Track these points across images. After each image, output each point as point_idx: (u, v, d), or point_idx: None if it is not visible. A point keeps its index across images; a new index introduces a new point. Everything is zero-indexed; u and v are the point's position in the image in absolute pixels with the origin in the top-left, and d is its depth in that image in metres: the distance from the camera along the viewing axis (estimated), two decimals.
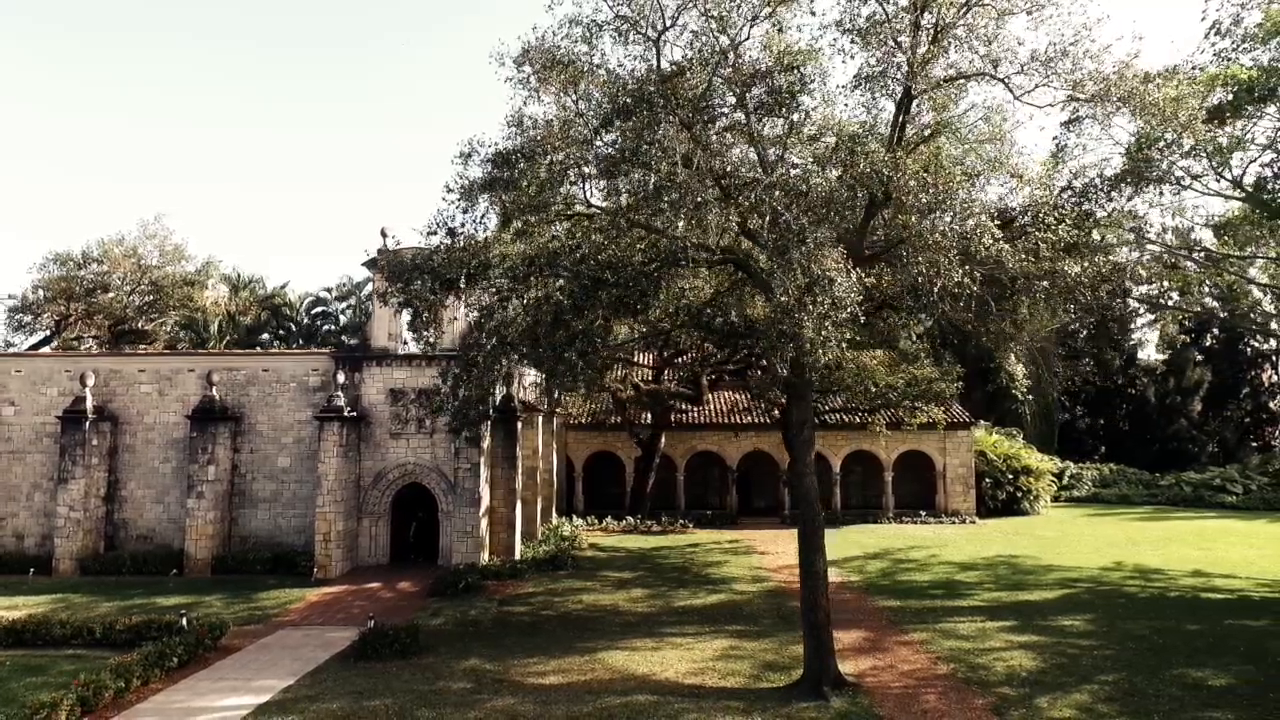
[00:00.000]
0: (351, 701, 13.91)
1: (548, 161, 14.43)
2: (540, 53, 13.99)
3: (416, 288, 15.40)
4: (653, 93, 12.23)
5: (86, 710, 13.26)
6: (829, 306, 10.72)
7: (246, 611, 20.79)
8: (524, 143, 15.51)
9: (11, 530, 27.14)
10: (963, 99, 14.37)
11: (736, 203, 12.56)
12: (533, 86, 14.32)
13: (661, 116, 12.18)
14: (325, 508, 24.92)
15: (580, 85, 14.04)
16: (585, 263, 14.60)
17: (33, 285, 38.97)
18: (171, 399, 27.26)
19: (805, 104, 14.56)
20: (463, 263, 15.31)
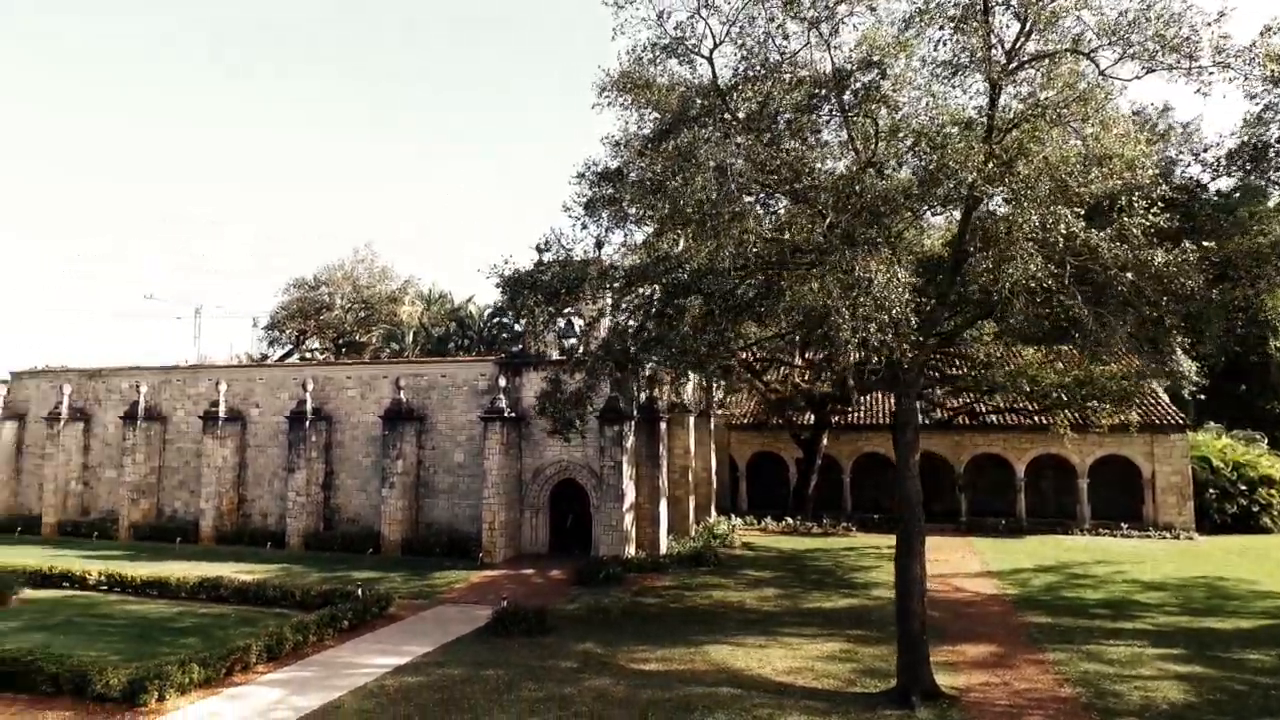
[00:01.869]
0: (470, 669, 15.80)
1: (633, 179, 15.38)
2: (621, 77, 15.00)
3: (523, 301, 17.02)
4: (699, 106, 12.74)
5: (272, 657, 16.29)
6: (871, 308, 10.65)
7: (418, 587, 23.82)
8: (623, 162, 16.60)
9: (258, 510, 32.97)
10: (1051, 79, 13.25)
11: (777, 208, 12.70)
12: (619, 105, 15.35)
13: (711, 128, 12.66)
14: (490, 499, 27.74)
15: (652, 102, 14.86)
16: (672, 272, 15.40)
17: (278, 306, 47.32)
18: (370, 401, 31.65)
19: (887, 96, 14.26)
20: (564, 277, 16.69)
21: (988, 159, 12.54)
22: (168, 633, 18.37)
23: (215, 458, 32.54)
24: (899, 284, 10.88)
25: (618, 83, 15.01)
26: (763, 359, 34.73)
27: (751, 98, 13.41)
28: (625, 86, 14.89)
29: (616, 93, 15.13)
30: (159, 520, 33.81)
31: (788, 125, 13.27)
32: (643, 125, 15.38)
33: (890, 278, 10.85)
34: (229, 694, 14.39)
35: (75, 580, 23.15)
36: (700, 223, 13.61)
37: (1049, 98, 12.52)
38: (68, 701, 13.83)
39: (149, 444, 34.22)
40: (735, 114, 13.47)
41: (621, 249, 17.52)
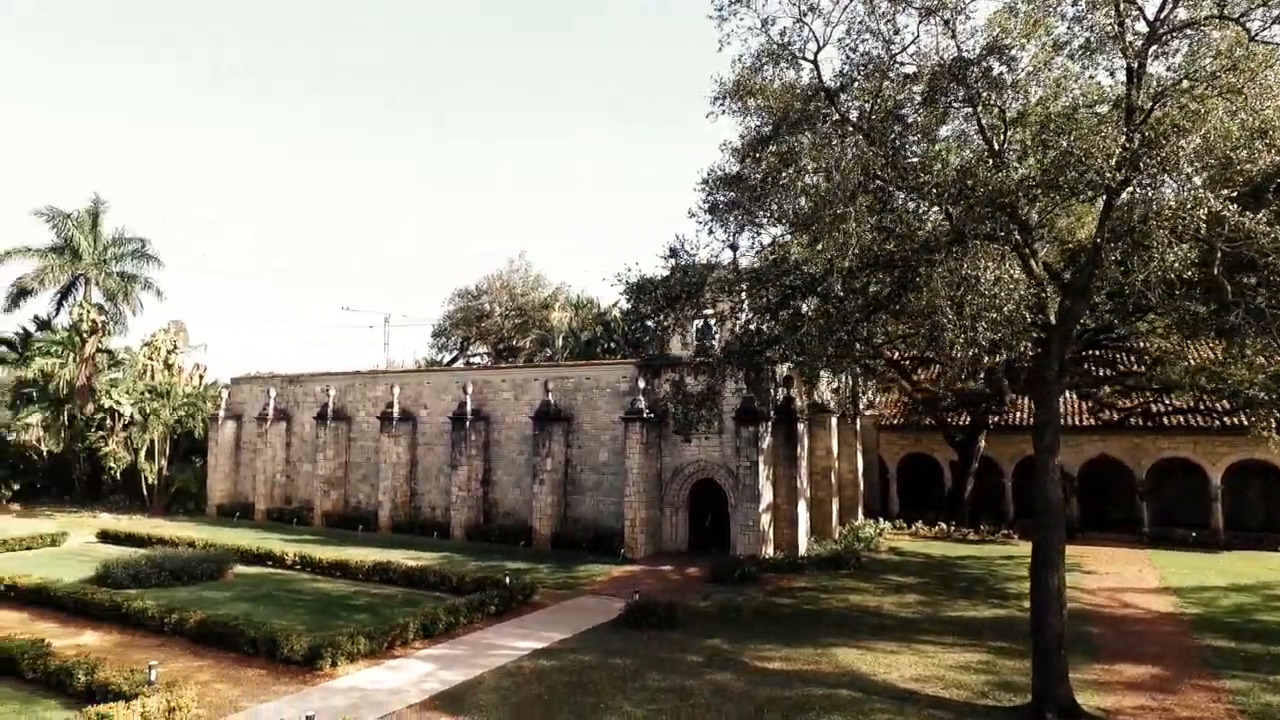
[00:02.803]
0: (601, 656, 16.70)
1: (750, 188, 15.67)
2: (733, 85, 15.30)
3: (645, 306, 17.71)
4: (802, 110, 12.76)
5: (428, 635, 18.04)
6: (980, 306, 10.28)
7: (562, 579, 25.23)
8: (742, 167, 16.91)
9: (427, 503, 36.10)
10: (1199, 49, 11.97)
11: (884, 209, 12.43)
12: (731, 112, 15.66)
13: (818, 130, 12.66)
14: (630, 497, 28.79)
15: (762, 108, 15.03)
16: (787, 275, 15.52)
17: (444, 316, 51.60)
18: (523, 403, 33.75)
19: (1015, 82, 13.63)
20: (684, 282, 17.21)
21: (1127, 141, 11.69)
22: (344, 608, 20.77)
23: (390, 454, 36.00)
24: (1010, 280, 10.43)
25: (730, 90, 15.32)
26: (911, 357, 33.47)
27: (861, 96, 13.28)
28: (736, 94, 15.19)
29: (729, 99, 15.44)
30: (345, 509, 37.88)
31: (900, 120, 13.00)
32: (757, 130, 15.57)
33: (1001, 274, 10.43)
34: (389, 665, 16.16)
35: (276, 560, 26.61)
36: (807, 225, 13.65)
37: (1201, 68, 11.42)
38: (262, 661, 16.13)
39: (337, 441, 38.44)
40: (845, 114, 13.39)
41: (745, 252, 17.78)
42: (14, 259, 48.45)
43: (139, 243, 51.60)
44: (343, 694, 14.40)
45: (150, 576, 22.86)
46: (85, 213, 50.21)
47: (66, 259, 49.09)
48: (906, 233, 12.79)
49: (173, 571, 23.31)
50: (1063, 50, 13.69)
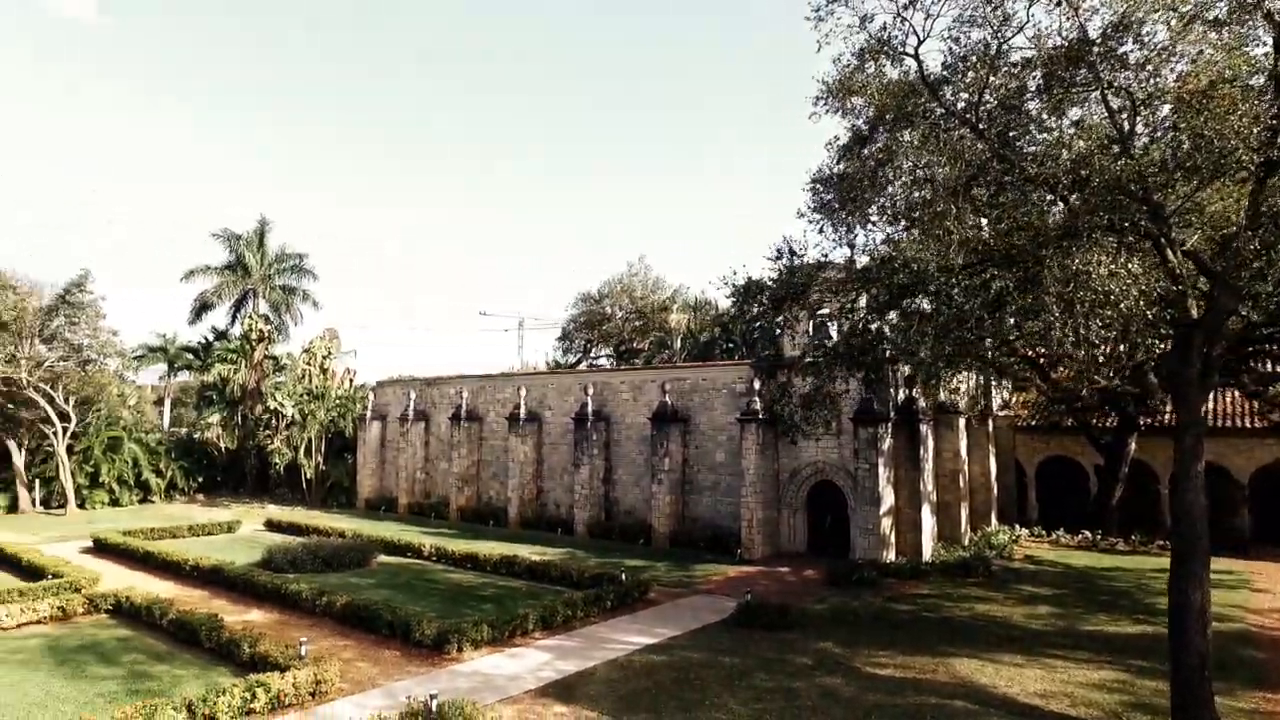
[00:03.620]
0: (710, 654, 16.96)
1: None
2: (835, 85, 15.12)
3: (750, 308, 17.76)
4: (901, 107, 12.42)
5: (546, 626, 18.94)
6: (1092, 304, 9.72)
7: (679, 577, 25.63)
8: (845, 166, 16.71)
9: (552, 500, 37.57)
10: None
11: (994, 203, 11.87)
12: (831, 112, 15.48)
13: (920, 126, 12.31)
14: (747, 498, 28.81)
15: (862, 106, 14.74)
16: (897, 274, 15.20)
17: (567, 319, 53.37)
18: (641, 404, 34.46)
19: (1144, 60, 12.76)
20: (790, 283, 17.16)
21: (1274, 119, 10.68)
22: (473, 598, 22.13)
23: (518, 453, 37.72)
24: (1127, 275, 9.78)
25: (831, 90, 15.15)
26: (1048, 354, 31.47)
27: (966, 88, 12.81)
28: (836, 93, 14.99)
29: (830, 99, 15.27)
30: (478, 505, 40.05)
31: (1013, 110, 12.43)
32: (859, 128, 15.35)
33: (1117, 268, 9.80)
34: (509, 652, 17.14)
35: (414, 550, 28.62)
36: (913, 222, 13.34)
37: None
38: (398, 643, 17.54)
39: (469, 440, 40.70)
40: (950, 108, 12.97)
41: (851, 252, 17.49)
42: (196, 277, 54.53)
43: (297, 258, 56.70)
44: (466, 677, 15.45)
45: (305, 563, 25.23)
46: (253, 233, 55.72)
47: (238, 275, 54.67)
48: (1021, 226, 12.22)
49: (324, 559, 25.61)
50: (1198, 21, 12.64)
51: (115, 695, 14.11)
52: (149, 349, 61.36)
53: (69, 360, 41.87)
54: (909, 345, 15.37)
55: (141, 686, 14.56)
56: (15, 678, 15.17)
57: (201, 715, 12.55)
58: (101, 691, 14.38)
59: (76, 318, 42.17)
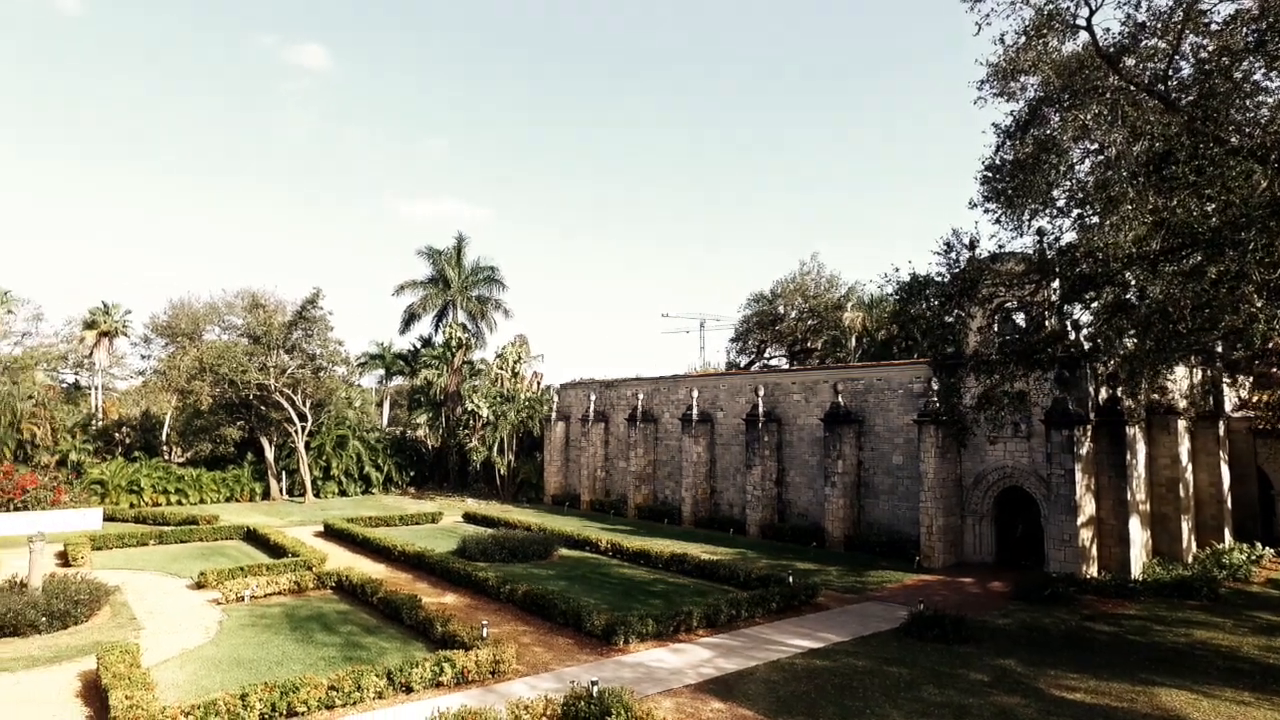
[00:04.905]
0: (875, 663, 16.47)
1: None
2: (1004, 64, 14.14)
3: (916, 305, 17.00)
4: (1069, 83, 11.34)
5: (710, 624, 19.28)
6: None
7: (851, 582, 24.96)
8: (1015, 153, 15.64)
9: (725, 500, 37.86)
10: None
11: (1187, 182, 10.48)
12: (994, 95, 14.49)
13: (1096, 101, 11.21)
14: (926, 503, 27.44)
15: (1030, 85, 13.61)
16: (1079, 264, 14.03)
17: (740, 320, 53.31)
18: (813, 405, 33.84)
19: None
20: (961, 277, 16.27)
21: None
22: (643, 593, 22.94)
23: (691, 454, 38.41)
24: None
25: (997, 71, 14.18)
26: None
27: (1151, 56, 11.50)
28: (1002, 75, 14.01)
29: (996, 81, 14.30)
30: (654, 503, 41.22)
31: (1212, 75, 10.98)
32: (1028, 110, 14.27)
33: None
34: (673, 647, 17.66)
35: (592, 545, 30.09)
36: (1095, 206, 12.26)
37: None
38: (571, 632, 18.64)
39: (645, 441, 41.99)
40: (1133, 78, 11.74)
41: (1040, 240, 16.22)
42: (405, 292, 60.60)
43: (490, 270, 61.25)
44: (630, 668, 16.15)
45: (494, 553, 27.39)
46: (451, 249, 60.97)
47: (439, 288, 60.07)
48: (1221, 204, 10.86)
49: (511, 550, 27.64)
50: None
51: (333, 660, 16.26)
52: (369, 356, 68.92)
53: (305, 368, 48.16)
54: (1107, 340, 14.11)
55: (354, 654, 16.65)
56: (262, 639, 17.91)
57: (399, 683, 14.18)
58: (323, 655, 16.63)
59: (311, 330, 48.43)
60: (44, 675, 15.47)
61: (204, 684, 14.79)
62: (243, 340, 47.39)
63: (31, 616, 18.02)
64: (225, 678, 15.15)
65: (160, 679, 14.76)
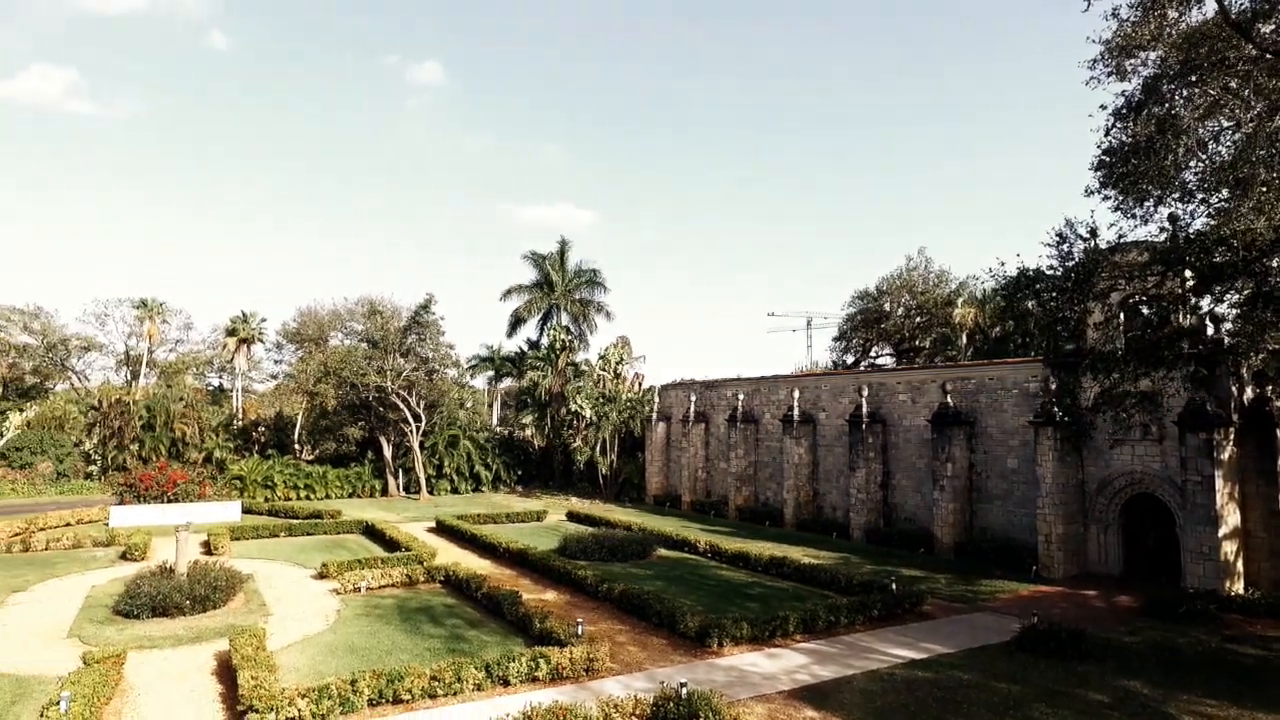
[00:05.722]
0: (982, 677, 15.67)
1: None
2: (1112, 44, 13.12)
3: (1024, 301, 16.03)
4: (1195, 56, 10.32)
5: (808, 630, 18.88)
6: None
7: (960, 591, 23.84)
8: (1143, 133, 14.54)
9: (828, 503, 36.98)
10: None
11: None
12: (1113, 73, 13.45)
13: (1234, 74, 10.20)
14: (1044, 510, 25.85)
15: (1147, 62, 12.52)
16: (1212, 252, 12.90)
17: (844, 318, 51.74)
18: (920, 406, 32.54)
19: None
20: (1078, 269, 15.27)
21: None
22: (740, 596, 22.74)
23: (792, 455, 37.75)
24: None
25: (1112, 48, 13.19)
26: None
27: None
28: (1117, 52, 12.99)
29: (1111, 58, 13.29)
30: (755, 504, 40.77)
31: None
32: (1146, 88, 13.20)
33: None
34: (768, 652, 17.42)
35: (690, 546, 30.08)
36: (1230, 189, 11.23)
37: None
38: (665, 632, 18.72)
39: (746, 441, 41.60)
40: (1267, 47, 10.62)
41: (1173, 226, 15.00)
42: (512, 296, 62.58)
43: (592, 273, 62.32)
44: (723, 671, 16.05)
45: (594, 552, 27.85)
46: (555, 253, 62.44)
47: (544, 292, 61.65)
48: None
49: (610, 549, 28.03)
50: None
51: (438, 651, 17.00)
52: (479, 359, 71.57)
53: (419, 370, 50.55)
54: (1251, 335, 12.91)
55: (456, 646, 17.36)
56: (374, 628, 18.96)
57: (496, 676, 14.67)
58: (429, 647, 17.42)
59: (424, 335, 50.83)
60: (187, 653, 16.96)
61: (320, 668, 15.80)
62: (362, 345, 50.29)
63: (177, 599, 19.78)
64: (339, 664, 16.13)
65: (282, 662, 15.89)
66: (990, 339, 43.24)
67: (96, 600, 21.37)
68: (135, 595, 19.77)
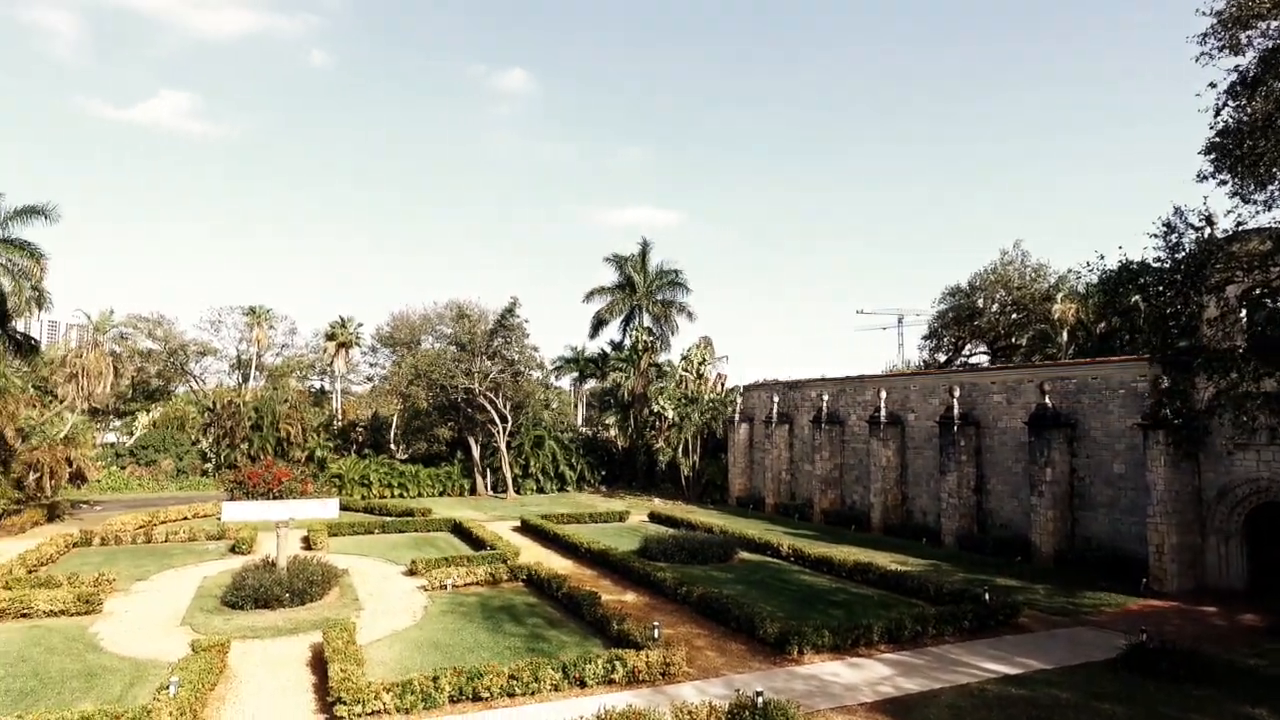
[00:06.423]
0: (1083, 697, 14.72)
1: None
2: (1230, 13, 12.05)
3: (1125, 297, 14.94)
4: None
5: (893, 640, 18.23)
6: None
7: (1061, 604, 22.51)
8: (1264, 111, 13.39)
9: (917, 508, 35.68)
10: None
11: None
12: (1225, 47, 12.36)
13: None
14: (1155, 519, 24.14)
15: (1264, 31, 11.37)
16: None
17: (934, 316, 49.72)
18: (1016, 407, 30.95)
19: None
20: (1185, 261, 14.16)
21: None
22: (823, 602, 22.17)
23: (879, 457, 36.60)
24: None
25: (1225, 20, 12.10)
26: None
27: None
28: (1231, 23, 11.93)
29: (1224, 31, 12.20)
30: (840, 508, 39.75)
31: None
32: (1262, 61, 12.08)
33: None
34: (850, 661, 16.90)
35: (773, 550, 29.58)
36: None
37: None
38: (744, 638, 18.42)
39: (831, 443, 40.63)
40: None
41: (1273, 218, 13.77)
42: (594, 298, 63.21)
43: (674, 273, 62.24)
44: (803, 679, 15.66)
45: (674, 554, 27.75)
46: (637, 254, 62.69)
47: (625, 293, 61.99)
48: None
49: (690, 551, 27.87)
50: None
51: (518, 650, 17.28)
52: (564, 360, 72.66)
53: (505, 372, 51.72)
54: None
55: (536, 645, 17.60)
56: (457, 625, 19.45)
57: (573, 677, 14.78)
58: (509, 645, 17.73)
59: (510, 337, 51.96)
60: (285, 644, 17.85)
61: (406, 663, 16.31)
62: (451, 348, 51.84)
63: (278, 592, 20.85)
64: (424, 659, 16.61)
65: (371, 656, 16.50)
66: (1094, 336, 40.62)
67: (207, 591, 22.78)
68: (240, 587, 20.96)
